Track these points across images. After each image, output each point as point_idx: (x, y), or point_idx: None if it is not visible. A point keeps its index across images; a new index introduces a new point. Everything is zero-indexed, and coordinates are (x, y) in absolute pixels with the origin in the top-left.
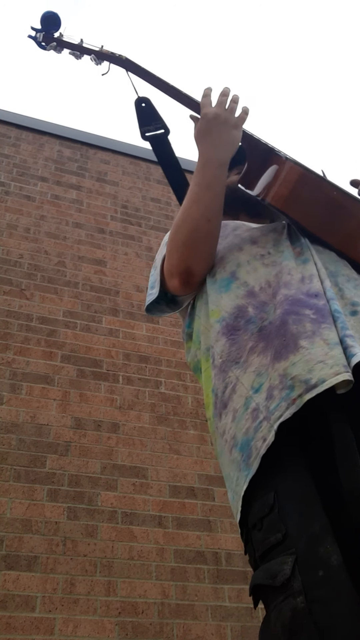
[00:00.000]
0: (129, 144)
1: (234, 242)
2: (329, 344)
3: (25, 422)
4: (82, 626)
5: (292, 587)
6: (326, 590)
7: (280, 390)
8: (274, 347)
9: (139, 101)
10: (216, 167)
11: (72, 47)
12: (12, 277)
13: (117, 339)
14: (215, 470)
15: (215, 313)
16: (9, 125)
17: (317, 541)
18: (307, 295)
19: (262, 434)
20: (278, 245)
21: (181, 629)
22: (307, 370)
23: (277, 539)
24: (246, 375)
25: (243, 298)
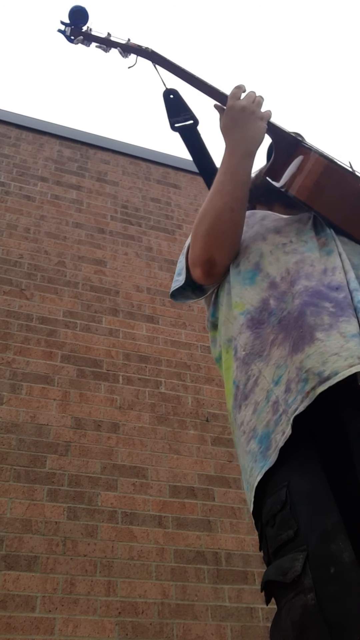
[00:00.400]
0: (129, 144)
1: (259, 232)
2: (345, 336)
3: (25, 422)
4: (82, 626)
5: (302, 583)
6: (337, 587)
7: (297, 384)
8: (292, 338)
9: (167, 93)
10: (241, 158)
11: (99, 40)
12: (12, 277)
13: (117, 339)
14: (215, 470)
15: (239, 305)
16: (9, 125)
17: (329, 538)
18: (328, 287)
19: (281, 427)
20: (301, 235)
21: (181, 629)
22: (321, 363)
23: (289, 536)
24: (268, 368)
25: (266, 290)
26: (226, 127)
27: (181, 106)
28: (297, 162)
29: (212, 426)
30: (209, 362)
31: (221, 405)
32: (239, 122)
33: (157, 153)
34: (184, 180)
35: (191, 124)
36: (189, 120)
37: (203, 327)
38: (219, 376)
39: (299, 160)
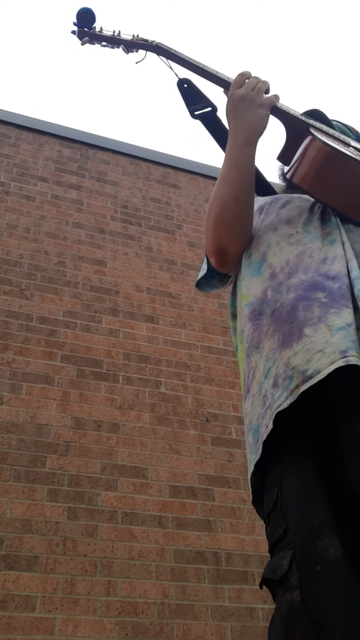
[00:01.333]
0: (129, 144)
1: (273, 222)
2: (331, 330)
3: (25, 422)
4: (82, 626)
5: (289, 581)
6: (323, 584)
7: (284, 380)
8: (282, 332)
9: (180, 83)
10: (242, 146)
11: (107, 39)
12: (12, 277)
13: (117, 339)
14: (215, 470)
15: (245, 297)
16: (9, 125)
17: (315, 535)
18: (325, 276)
19: (265, 421)
20: (307, 225)
21: (181, 629)
22: (306, 361)
23: (279, 535)
24: (261, 360)
25: (267, 280)
26: (228, 115)
27: (197, 94)
28: (301, 149)
29: (212, 426)
30: (209, 362)
31: (221, 405)
32: (238, 111)
33: (157, 153)
34: (184, 180)
35: (210, 111)
36: (207, 107)
37: (203, 327)
38: (219, 376)
39: (303, 146)
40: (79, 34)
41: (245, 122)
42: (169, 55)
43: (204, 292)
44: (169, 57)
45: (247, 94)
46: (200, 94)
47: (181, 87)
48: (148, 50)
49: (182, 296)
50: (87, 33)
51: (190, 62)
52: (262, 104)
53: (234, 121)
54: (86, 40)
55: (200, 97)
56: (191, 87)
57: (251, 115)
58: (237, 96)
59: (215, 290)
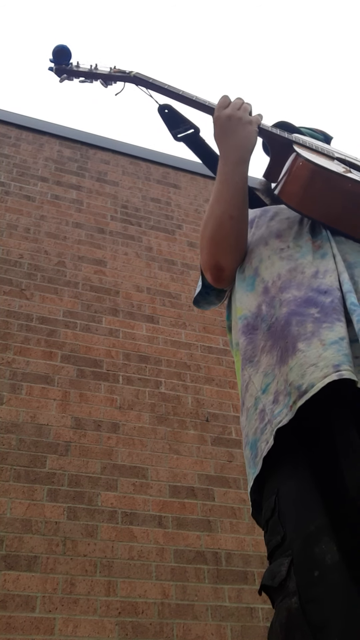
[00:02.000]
0: (129, 144)
1: (263, 236)
2: (324, 344)
3: (25, 422)
4: (82, 626)
5: (287, 587)
6: (320, 590)
7: (284, 396)
8: (280, 347)
9: (161, 109)
10: (235, 165)
11: (82, 74)
12: (12, 277)
13: (117, 339)
14: (215, 470)
15: (239, 310)
16: (9, 125)
17: (312, 541)
18: (317, 291)
19: (265, 437)
20: (298, 239)
21: (181, 629)
22: (300, 376)
23: (277, 541)
24: (257, 375)
25: (260, 295)
26: (217, 137)
27: (178, 118)
28: (286, 167)
29: (212, 426)
30: (209, 362)
31: (221, 405)
32: (227, 131)
33: (157, 153)
34: (184, 180)
35: (192, 132)
36: (189, 129)
37: (203, 327)
38: (219, 376)
39: (288, 164)
40: (56, 72)
41: (236, 141)
42: (147, 84)
43: (202, 310)
44: (148, 86)
45: (234, 113)
46: (182, 117)
47: (162, 112)
48: (126, 81)
49: (182, 296)
50: (65, 70)
51: (170, 89)
52: (251, 121)
53: (224, 141)
54: (64, 77)
55: (181, 120)
56: (172, 112)
57: (241, 133)
58: (224, 117)
59: (212, 307)
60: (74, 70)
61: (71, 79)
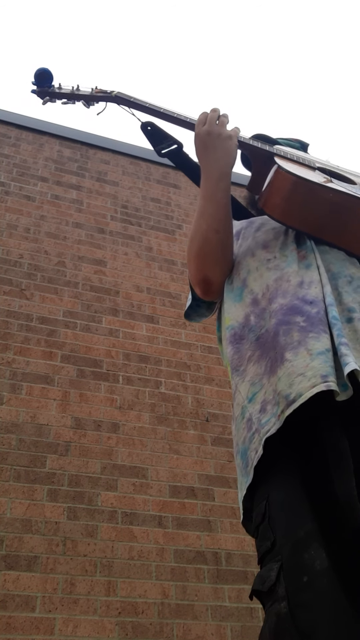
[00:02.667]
0: (129, 144)
1: (250, 247)
2: (311, 354)
3: (25, 422)
4: (82, 626)
5: (277, 592)
6: (309, 595)
7: (273, 406)
8: (269, 358)
9: (144, 126)
10: (217, 180)
11: (65, 96)
12: (12, 277)
13: (117, 339)
14: (215, 470)
15: (227, 320)
16: (9, 125)
17: (302, 547)
18: (302, 300)
19: (254, 446)
20: (284, 249)
21: (181, 629)
22: (288, 385)
23: (267, 547)
24: (243, 384)
25: (249, 306)
26: (197, 153)
27: (161, 135)
28: (269, 179)
29: (212, 426)
30: (209, 362)
31: (221, 405)
32: (207, 147)
33: None
34: (184, 180)
35: (176, 148)
36: (172, 145)
37: (203, 327)
38: (219, 376)
39: (270, 176)
40: (39, 94)
41: (217, 157)
42: (129, 103)
43: (194, 322)
44: (130, 105)
45: (212, 128)
46: (165, 134)
47: (145, 130)
48: (108, 101)
49: (182, 296)
50: (47, 92)
51: (151, 107)
52: (230, 135)
53: (205, 157)
54: (47, 100)
55: (164, 136)
56: (155, 129)
57: (221, 148)
58: (203, 133)
59: (203, 319)
60: (56, 92)
61: (54, 101)
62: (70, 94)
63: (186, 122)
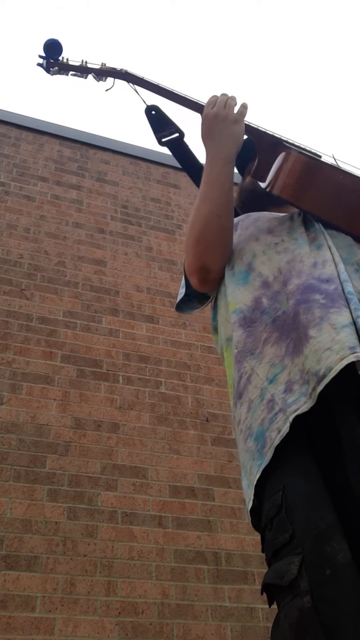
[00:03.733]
0: (129, 144)
1: (253, 233)
2: (336, 328)
3: (25, 422)
4: (82, 626)
5: (299, 586)
6: (333, 589)
7: (301, 385)
8: (291, 339)
9: (148, 110)
10: (222, 164)
11: (75, 69)
12: (12, 277)
13: (117, 339)
14: (215, 470)
15: (232, 304)
16: (9, 125)
17: (324, 540)
18: (319, 280)
19: (277, 425)
20: (292, 233)
21: (181, 629)
22: (317, 361)
23: (285, 539)
24: (261, 366)
25: (258, 289)
26: (203, 136)
27: (164, 121)
28: (278, 161)
29: (212, 426)
30: (209, 362)
31: (221, 405)
32: (214, 130)
33: (157, 153)
34: (184, 180)
35: (177, 136)
36: (174, 133)
37: (203, 327)
38: (219, 376)
39: (280, 159)
40: (47, 65)
41: (222, 140)
42: (138, 81)
43: (184, 314)
44: (139, 83)
45: (220, 111)
46: (168, 121)
47: (149, 114)
48: (117, 77)
49: None
50: (56, 64)
51: (160, 86)
52: (236, 119)
53: (211, 140)
54: (55, 71)
55: (167, 123)
56: (159, 114)
57: (227, 132)
58: (211, 115)
59: (194, 311)
60: (65, 64)
61: (62, 73)
62: (80, 67)
63: (195, 103)
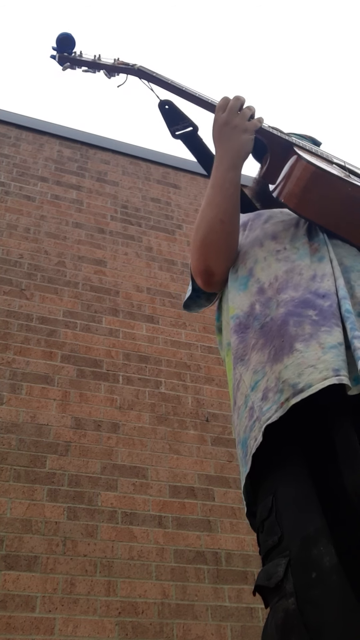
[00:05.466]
0: (129, 144)
1: (258, 237)
2: (323, 347)
3: (25, 422)
4: (82, 626)
5: (285, 588)
6: (318, 592)
7: (275, 393)
8: (273, 346)
9: (162, 104)
10: (227, 170)
11: (87, 64)
12: (12, 277)
13: (117, 339)
14: (215, 470)
15: (231, 309)
16: (9, 125)
17: (311, 543)
18: (315, 294)
19: (254, 434)
20: (294, 241)
21: (181, 629)
22: (297, 375)
23: (274, 542)
24: (247, 372)
25: (254, 295)
26: (214, 139)
27: (178, 115)
28: (287, 168)
29: (212, 426)
30: (209, 362)
31: (221, 405)
32: (223, 135)
33: (157, 153)
34: (184, 180)
35: (191, 130)
36: (188, 127)
37: (203, 327)
38: (219, 376)
39: (288, 165)
40: (59, 59)
41: (230, 147)
42: (150, 78)
43: (192, 313)
44: (151, 80)
45: (231, 118)
46: (182, 115)
47: (162, 108)
48: (129, 73)
49: (182, 296)
50: (68, 58)
51: (173, 84)
52: (247, 128)
53: (219, 145)
54: (67, 66)
55: (181, 117)
56: (172, 108)
57: (235, 140)
58: (221, 121)
59: (202, 309)
60: (77, 59)
61: (74, 68)
62: (92, 62)
63: (207, 102)
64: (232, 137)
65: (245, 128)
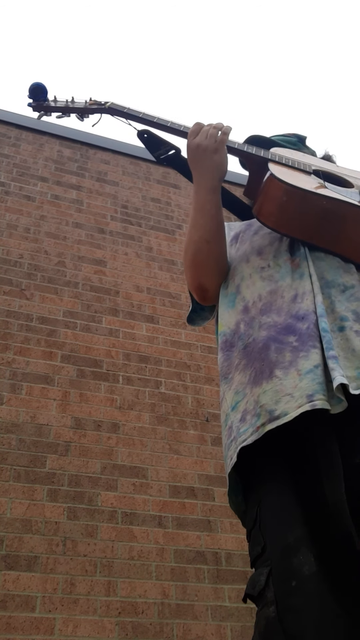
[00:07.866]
0: (129, 144)
1: (245, 252)
2: (300, 374)
3: (25, 422)
4: (82, 626)
5: (266, 596)
6: (298, 600)
7: (252, 416)
8: (254, 368)
9: (140, 134)
10: (206, 192)
11: (59, 110)
12: (12, 277)
13: (117, 339)
14: (215, 470)
15: (220, 326)
16: (9, 125)
17: (291, 552)
18: (296, 318)
19: (230, 453)
20: (277, 257)
21: (181, 629)
22: (275, 401)
23: (258, 552)
24: (230, 392)
25: (240, 313)
26: (190, 165)
27: (158, 141)
28: (262, 186)
29: (212, 426)
30: (209, 362)
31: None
32: (197, 160)
33: None
34: (184, 180)
35: (174, 153)
36: (170, 150)
37: (203, 327)
38: (218, 376)
39: (263, 184)
40: (34, 108)
41: (204, 170)
42: (123, 114)
43: (197, 326)
44: (123, 115)
45: (202, 141)
46: (161, 140)
47: (142, 137)
48: (102, 112)
49: (182, 296)
50: (42, 106)
51: (144, 117)
52: (216, 149)
53: (194, 169)
54: (42, 114)
55: (161, 142)
56: (151, 136)
57: (208, 162)
58: (193, 146)
59: (207, 322)
60: (51, 106)
61: (49, 114)
62: (64, 108)
63: (180, 131)
64: (204, 160)
65: (214, 149)
